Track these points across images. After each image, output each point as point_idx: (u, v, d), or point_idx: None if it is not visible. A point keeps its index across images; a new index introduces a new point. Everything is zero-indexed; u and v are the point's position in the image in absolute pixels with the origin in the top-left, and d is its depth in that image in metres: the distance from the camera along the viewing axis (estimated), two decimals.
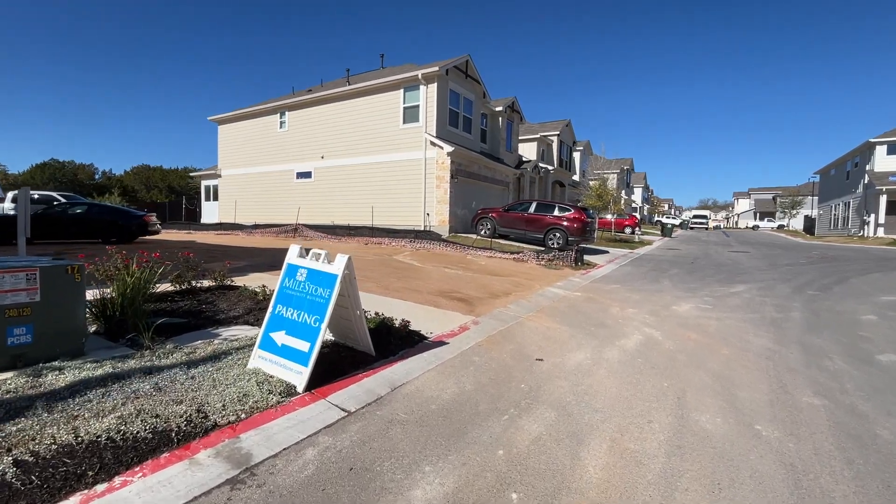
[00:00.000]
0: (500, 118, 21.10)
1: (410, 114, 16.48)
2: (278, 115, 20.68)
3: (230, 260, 10.04)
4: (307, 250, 3.98)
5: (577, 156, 34.99)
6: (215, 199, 24.70)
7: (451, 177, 15.68)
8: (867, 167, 28.30)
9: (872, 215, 27.16)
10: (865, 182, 28.38)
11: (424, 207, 16.13)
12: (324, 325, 3.49)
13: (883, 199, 26.43)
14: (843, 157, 33.62)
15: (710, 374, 4.19)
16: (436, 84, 15.77)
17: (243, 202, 22.53)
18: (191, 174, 27.90)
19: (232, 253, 11.70)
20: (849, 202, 31.90)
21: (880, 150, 27.50)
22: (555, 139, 29.26)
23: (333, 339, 4.44)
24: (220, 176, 23.69)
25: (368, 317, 5.20)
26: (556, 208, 14.68)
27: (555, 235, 14.24)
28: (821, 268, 13.16)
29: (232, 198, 23.00)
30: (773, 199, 74.31)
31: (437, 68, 15.45)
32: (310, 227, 17.02)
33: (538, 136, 27.68)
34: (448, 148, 15.30)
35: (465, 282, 8.48)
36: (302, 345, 3.52)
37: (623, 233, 28.58)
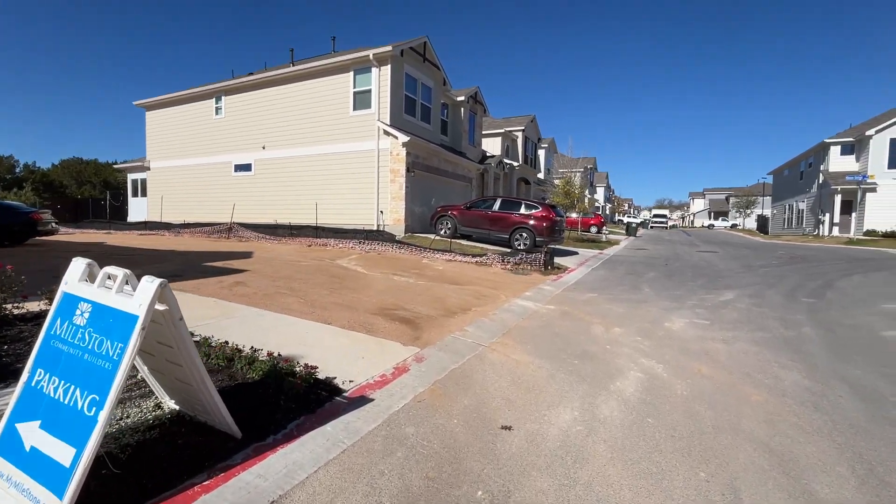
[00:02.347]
0: (462, 109, 19.65)
1: (361, 99, 14.73)
2: (213, 100, 18.34)
3: (129, 267, 8.04)
4: (103, 268, 2.28)
5: (542, 153, 34.14)
6: (143, 194, 21.95)
7: (408, 170, 14.07)
8: (822, 167, 28.89)
9: (827, 214, 27.71)
10: (820, 182, 28.97)
11: (378, 204, 14.43)
12: (104, 414, 1.84)
13: (838, 199, 26.97)
14: (796, 158, 34.45)
15: (759, 447, 2.81)
16: (389, 66, 14.10)
17: (174, 198, 20.00)
18: (115, 167, 24.82)
19: (136, 258, 9.61)
20: (803, 201, 32.66)
21: (834, 151, 28.11)
22: (520, 135, 28.17)
23: (178, 408, 2.75)
24: (148, 169, 20.99)
25: (259, 358, 3.55)
26: (523, 206, 13.36)
27: (521, 236, 12.91)
28: (797, 269, 12.48)
29: (162, 193, 20.40)
30: (727, 199, 77.09)
31: (390, 48, 13.77)
32: (246, 227, 14.94)
33: (502, 131, 26.46)
34: (403, 138, 13.68)
35: (416, 293, 6.91)
36: (62, 452, 1.85)
37: (589, 232, 27.87)
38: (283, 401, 2.97)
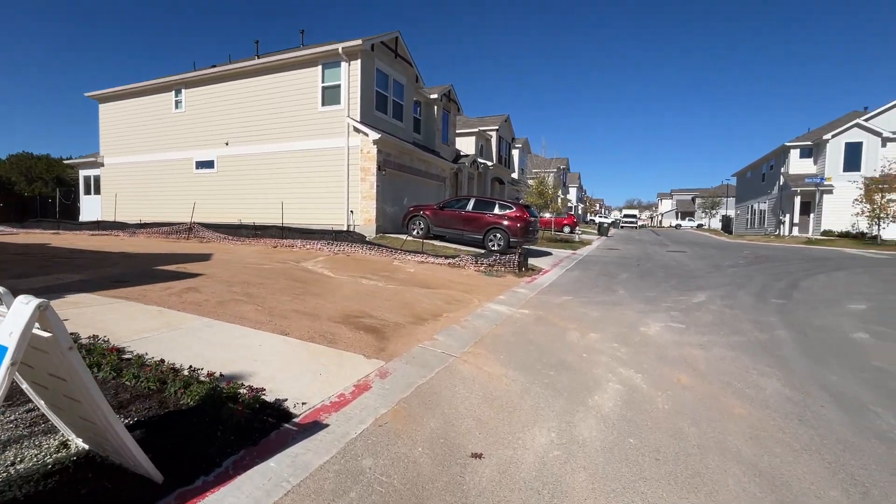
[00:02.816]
0: (436, 107, 19.31)
1: (330, 95, 14.18)
2: (173, 93, 17.35)
3: (67, 271, 7.35)
4: None
5: (515, 153, 34.17)
6: (97, 192, 20.63)
7: (379, 168, 13.63)
8: (782, 170, 30.00)
9: (788, 215, 28.79)
10: (781, 184, 30.08)
11: (347, 204, 13.93)
12: None
13: (797, 200, 28.05)
14: (759, 161, 35.72)
15: (748, 470, 2.60)
16: (360, 61, 13.62)
17: (130, 197, 18.86)
18: (66, 163, 23.26)
19: (79, 261, 8.85)
20: (765, 202, 33.88)
21: (794, 154, 29.24)
22: (493, 134, 28.06)
23: (87, 447, 2.32)
24: (101, 165, 19.72)
25: (200, 379, 3.13)
26: (497, 206, 13.15)
27: (495, 236, 12.69)
28: (763, 269, 12.73)
29: (117, 191, 19.21)
30: (693, 199, 79.65)
31: (360, 42, 13.30)
32: (207, 227, 14.17)
33: (476, 130, 26.28)
34: (374, 135, 13.23)
35: (385, 298, 6.54)
36: None
37: (562, 232, 28.04)
38: (221, 432, 2.58)
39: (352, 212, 13.95)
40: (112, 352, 3.46)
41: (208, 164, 16.70)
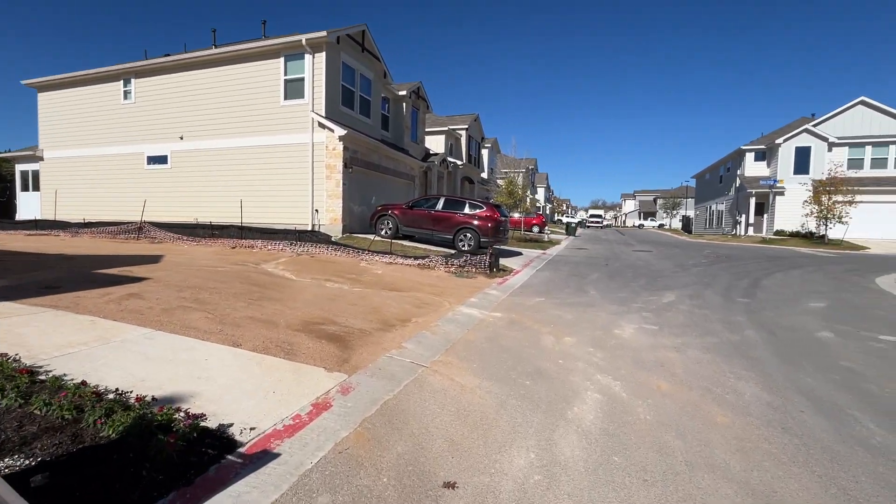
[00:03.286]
0: (405, 104, 18.90)
1: (293, 88, 13.54)
2: (121, 82, 16.17)
3: None
4: None
5: (485, 153, 34.16)
6: (35, 188, 19.02)
7: (345, 166, 13.12)
8: (739, 172, 31.31)
9: (744, 215, 30.07)
10: (737, 185, 31.38)
11: (312, 202, 13.34)
12: None
13: (752, 201, 29.33)
14: (717, 163, 37.19)
15: (740, 489, 2.43)
16: (324, 54, 13.06)
17: (73, 193, 17.49)
18: (1, 156, 21.34)
19: (10, 264, 7.98)
20: (722, 203, 35.30)
21: (749, 157, 30.57)
22: (463, 133, 27.89)
23: None
24: (41, 159, 18.19)
25: (129, 403, 2.70)
26: (467, 205, 12.91)
27: (466, 236, 12.46)
28: (725, 268, 13.08)
29: (58, 188, 17.78)
30: (654, 200, 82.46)
31: (325, 34, 12.74)
32: (160, 227, 13.25)
33: (446, 128, 26.02)
34: (340, 131, 12.73)
35: (350, 303, 6.15)
36: None
37: (531, 232, 28.20)
38: (148, 470, 2.17)
39: (317, 211, 13.38)
40: (22, 373, 2.96)
41: (161, 160, 15.67)
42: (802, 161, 27.77)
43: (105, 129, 16.69)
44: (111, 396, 2.80)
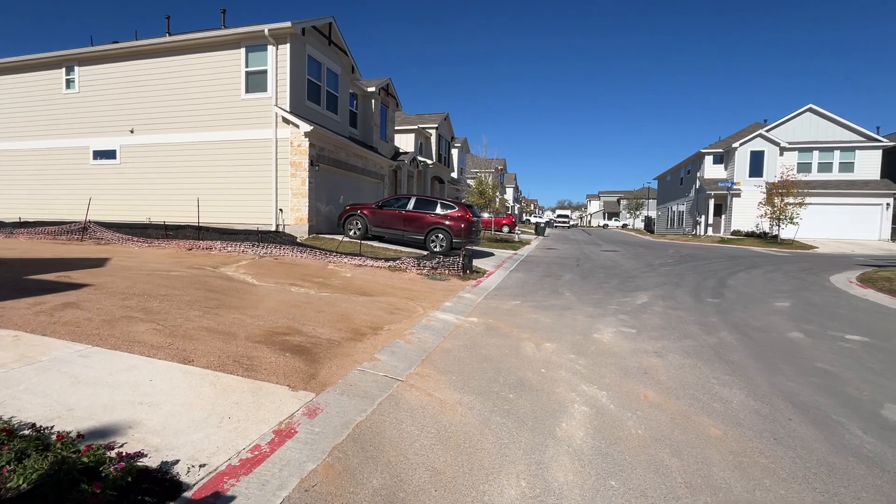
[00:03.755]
0: (373, 100, 18.41)
1: (256, 81, 12.85)
2: (64, 70, 14.89)
3: None
4: None
5: (455, 152, 34.00)
6: None
7: (311, 163, 12.56)
8: (698, 174, 32.51)
9: (703, 216, 31.24)
10: (697, 187, 32.58)
11: (276, 201, 12.70)
12: None
13: (711, 203, 30.52)
14: (677, 165, 38.52)
15: None
16: (289, 45, 12.45)
17: (10, 190, 16.00)
18: None
19: None
20: (683, 204, 36.59)
21: (708, 160, 31.79)
22: (433, 132, 27.59)
23: None
24: None
25: (50, 442, 2.25)
26: (439, 205, 12.64)
27: (438, 237, 12.18)
28: (691, 268, 13.38)
29: None
30: (618, 201, 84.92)
31: (289, 24, 12.14)
32: (108, 227, 12.27)
33: (416, 127, 25.65)
34: (306, 127, 12.16)
35: (317, 309, 5.75)
36: None
37: (501, 232, 28.26)
38: None
39: (281, 210, 12.75)
40: None
41: (109, 154, 14.55)
42: (757, 164, 29.09)
43: (45, 121, 15.34)
44: (27, 433, 2.34)
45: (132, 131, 14.14)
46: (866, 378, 4.30)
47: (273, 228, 12.51)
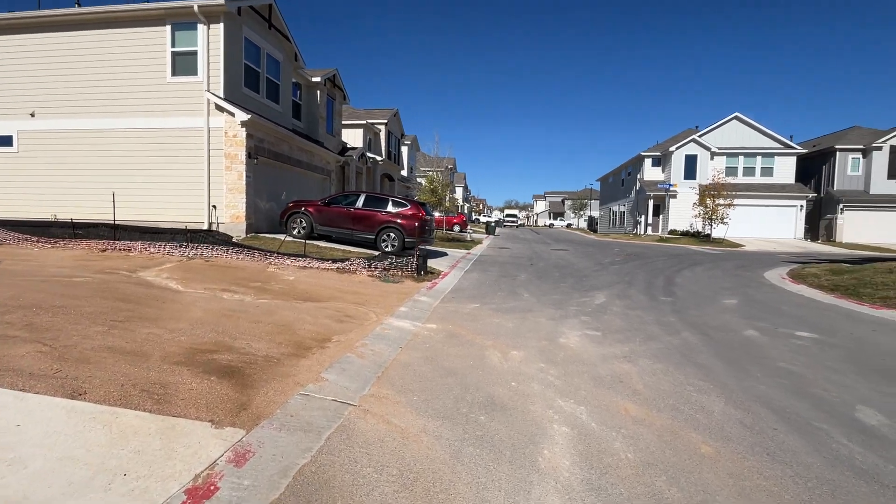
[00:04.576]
0: (319, 92, 17.37)
1: (184, 63, 11.55)
2: None
3: None
4: None
5: (405, 150, 33.30)
6: None
7: (249, 156, 11.48)
8: (639, 176, 34.07)
9: (643, 216, 32.76)
10: (637, 188, 34.13)
11: (209, 197, 11.49)
12: None
13: (651, 203, 32.07)
14: (619, 167, 40.22)
15: None
16: (223, 25, 11.28)
17: None
18: None
19: None
20: (624, 205, 38.25)
21: (648, 163, 33.39)
22: (383, 128, 26.77)
23: None
24: None
25: None
26: (391, 203, 12.02)
27: (389, 236, 11.56)
28: (638, 266, 13.70)
29: None
30: (562, 201, 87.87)
31: (222, 2, 10.97)
32: (1, 225, 10.49)
33: (364, 122, 24.72)
34: (243, 115, 11.08)
35: (254, 320, 5.00)
36: None
37: (453, 231, 28.01)
38: None
39: (214, 207, 11.56)
40: None
41: (4, 141, 12.53)
42: (690, 168, 30.90)
43: None
44: None
45: (33, 115, 12.27)
46: (828, 377, 4.29)
47: (205, 227, 11.31)
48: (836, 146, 30.14)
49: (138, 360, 3.54)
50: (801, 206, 30.22)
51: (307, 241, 10.99)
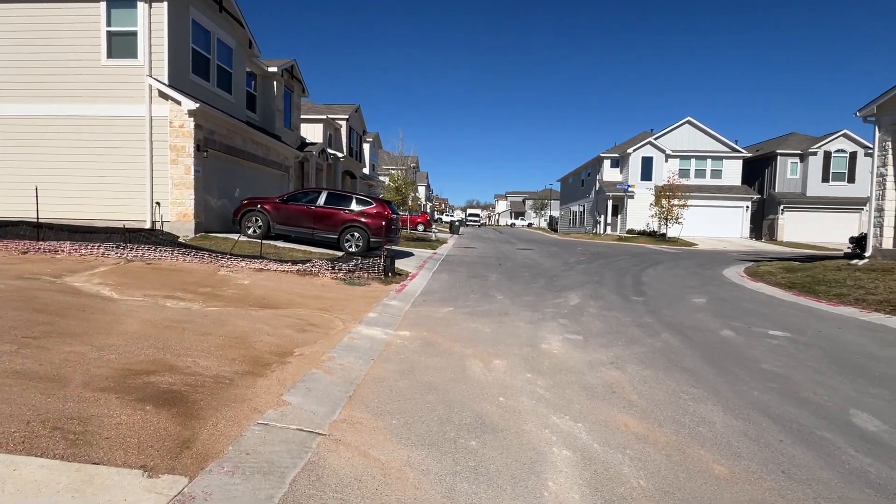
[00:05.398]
0: (276, 83, 16.42)
1: (122, 44, 10.45)
2: None
3: None
4: None
5: (367, 147, 32.43)
6: None
7: (198, 148, 10.54)
8: (598, 177, 34.93)
9: (602, 216, 33.62)
10: (597, 189, 34.98)
11: (152, 193, 10.45)
12: None
13: (610, 204, 32.95)
14: (579, 168, 41.13)
15: None
16: (166, 4, 10.27)
17: None
18: None
19: None
20: (584, 205, 39.15)
21: (607, 164, 34.29)
22: (344, 124, 25.86)
23: None
24: None
25: None
26: (354, 201, 11.43)
27: (353, 236, 10.98)
28: (604, 265, 13.81)
29: None
30: (523, 201, 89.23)
31: None
32: None
33: (324, 117, 23.75)
34: (190, 104, 10.15)
35: (202, 332, 4.38)
36: None
37: (417, 230, 27.55)
38: None
39: (158, 204, 10.53)
40: None
41: None
42: (647, 169, 31.97)
43: None
44: None
45: None
46: (813, 379, 4.23)
47: (148, 226, 10.28)
48: (777, 151, 32.11)
49: (53, 388, 2.90)
50: (747, 206, 31.96)
51: (264, 242, 10.21)
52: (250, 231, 11.14)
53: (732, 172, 32.74)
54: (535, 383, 3.82)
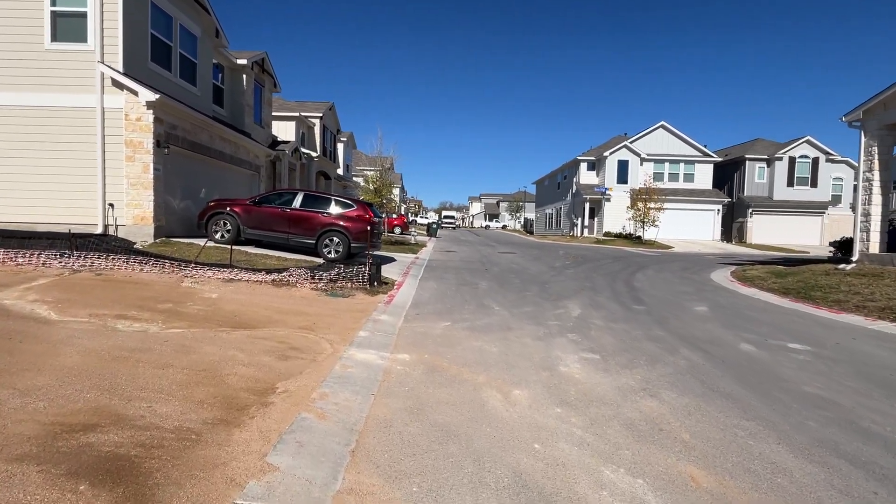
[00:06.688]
0: (245, 76, 15.35)
1: (69, 27, 9.31)
2: None
3: None
4: None
5: (341, 147, 31.34)
6: None
7: (158, 144, 9.51)
8: (575, 180, 35.04)
9: (580, 218, 33.72)
10: (574, 191, 35.09)
11: (104, 193, 9.35)
12: None
13: (587, 206, 33.07)
14: (555, 171, 41.26)
15: None
16: None
17: None
18: None
19: None
20: (561, 207, 39.26)
21: (583, 167, 34.43)
22: (317, 122, 24.78)
23: None
24: None
25: None
26: (334, 203, 10.62)
27: (333, 241, 10.17)
28: (591, 269, 13.49)
29: None
30: (497, 203, 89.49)
31: None
32: None
33: (297, 115, 22.63)
34: (149, 95, 9.13)
35: (160, 363, 3.59)
36: None
37: (394, 233, 26.77)
38: None
39: (111, 205, 9.43)
40: None
41: None
42: (623, 172, 32.26)
43: None
44: None
45: None
46: (861, 403, 3.84)
47: (99, 230, 9.19)
48: (746, 156, 33.05)
49: None
50: (718, 209, 32.73)
51: (233, 247, 9.27)
52: (218, 236, 10.17)
53: (704, 176, 33.48)
54: (570, 421, 3.25)
